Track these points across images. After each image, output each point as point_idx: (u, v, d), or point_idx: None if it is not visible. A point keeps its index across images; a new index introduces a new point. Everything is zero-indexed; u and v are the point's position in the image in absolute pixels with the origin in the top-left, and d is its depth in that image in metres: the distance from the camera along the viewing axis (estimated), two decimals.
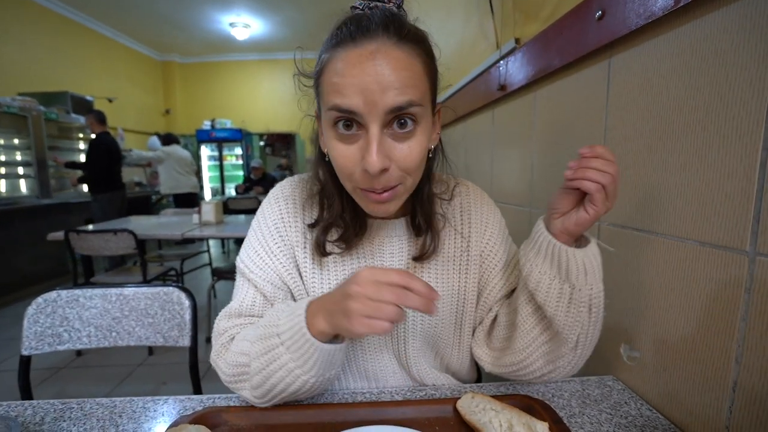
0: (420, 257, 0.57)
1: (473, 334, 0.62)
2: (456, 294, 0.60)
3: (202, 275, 3.68)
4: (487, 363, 0.59)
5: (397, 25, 0.43)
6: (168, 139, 4.72)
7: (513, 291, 0.59)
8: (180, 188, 4.62)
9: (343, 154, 0.45)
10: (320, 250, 0.55)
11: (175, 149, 4.65)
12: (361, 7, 0.47)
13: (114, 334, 0.93)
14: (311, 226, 0.56)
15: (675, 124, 0.54)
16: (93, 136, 3.42)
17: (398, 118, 0.44)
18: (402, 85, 0.42)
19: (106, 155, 3.34)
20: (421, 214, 0.56)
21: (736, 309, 0.46)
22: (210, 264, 3.41)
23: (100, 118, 3.38)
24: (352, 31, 0.43)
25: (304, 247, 0.57)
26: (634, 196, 0.62)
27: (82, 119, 4.03)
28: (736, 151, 0.45)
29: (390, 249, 0.58)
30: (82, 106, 4.20)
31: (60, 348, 0.90)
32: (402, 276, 0.41)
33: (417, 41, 0.45)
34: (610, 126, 0.68)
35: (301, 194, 0.59)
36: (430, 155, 0.52)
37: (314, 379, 0.47)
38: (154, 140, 5.00)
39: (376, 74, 0.41)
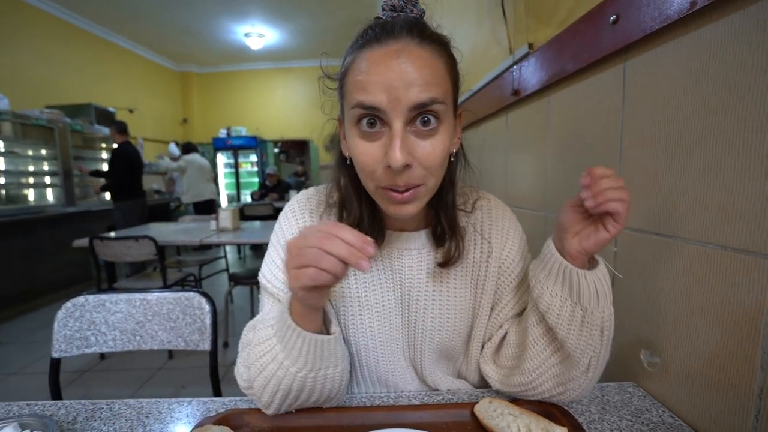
0: (445, 263, 0.57)
1: (482, 350, 0.61)
2: (471, 306, 0.60)
3: (220, 281, 3.75)
4: (494, 381, 0.58)
5: (420, 28, 0.46)
6: (187, 148, 4.85)
7: (524, 310, 0.59)
8: (202, 196, 4.75)
9: (365, 151, 0.46)
10: None
11: (195, 158, 4.78)
12: (384, 17, 0.49)
13: (138, 337, 0.96)
14: None
15: (693, 128, 0.54)
16: (115, 145, 3.54)
17: (421, 116, 0.45)
18: (425, 82, 0.43)
19: (128, 164, 3.45)
20: (445, 220, 0.56)
21: (760, 314, 0.45)
22: (227, 269, 3.47)
23: (121, 128, 3.50)
24: (377, 32, 0.45)
25: None
26: (653, 201, 0.61)
27: (105, 130, 4.18)
28: (756, 154, 0.45)
29: (409, 261, 0.58)
30: (105, 117, 4.36)
31: (87, 351, 0.94)
32: (331, 226, 0.40)
33: (439, 43, 0.47)
34: (626, 131, 0.68)
35: (317, 206, 0.60)
36: (452, 159, 0.53)
37: (303, 373, 0.46)
38: (173, 147, 5.14)
39: (401, 71, 0.43)
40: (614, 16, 0.66)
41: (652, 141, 0.62)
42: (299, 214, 0.60)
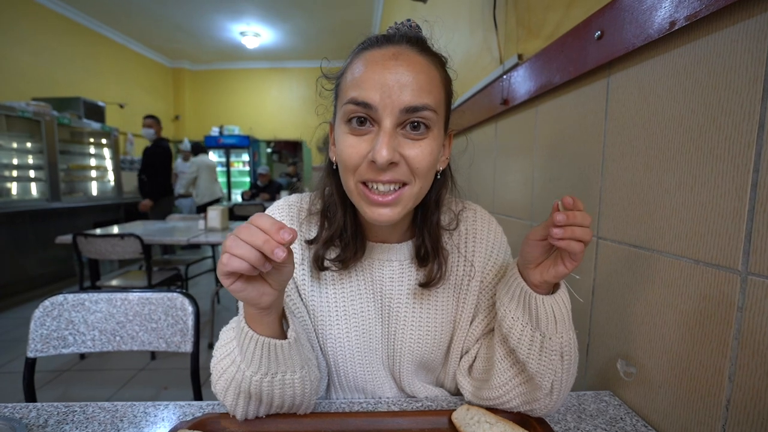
0: (427, 284, 0.57)
1: (460, 361, 0.61)
2: (452, 320, 0.60)
3: (207, 280, 3.71)
4: (467, 392, 0.58)
5: (420, 41, 0.49)
6: (198, 149, 4.82)
7: None
8: (214, 195, 4.74)
9: (351, 144, 0.46)
10: (318, 264, 0.55)
11: (205, 159, 4.77)
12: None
13: (118, 338, 0.95)
14: (309, 242, 0.57)
15: (671, 144, 0.55)
16: (143, 134, 3.59)
17: (411, 121, 0.45)
18: (419, 87, 0.45)
19: (169, 161, 3.56)
20: (429, 241, 0.56)
21: (729, 327, 0.46)
22: (214, 270, 3.43)
23: (160, 123, 3.58)
24: (378, 38, 0.48)
25: (302, 266, 0.58)
26: (632, 214, 0.63)
27: (94, 124, 4.12)
28: (728, 172, 0.46)
29: (390, 273, 0.58)
30: (94, 111, 4.29)
31: (65, 351, 0.92)
32: (254, 216, 0.40)
33: (437, 58, 0.49)
34: (608, 143, 0.69)
35: (298, 213, 0.59)
36: (438, 176, 0.53)
37: (258, 377, 0.46)
38: (186, 143, 5.10)
39: (396, 72, 0.44)
40: (599, 32, 0.68)
41: (632, 154, 0.63)
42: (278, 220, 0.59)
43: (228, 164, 6.64)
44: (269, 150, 7.16)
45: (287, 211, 0.60)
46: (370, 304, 0.58)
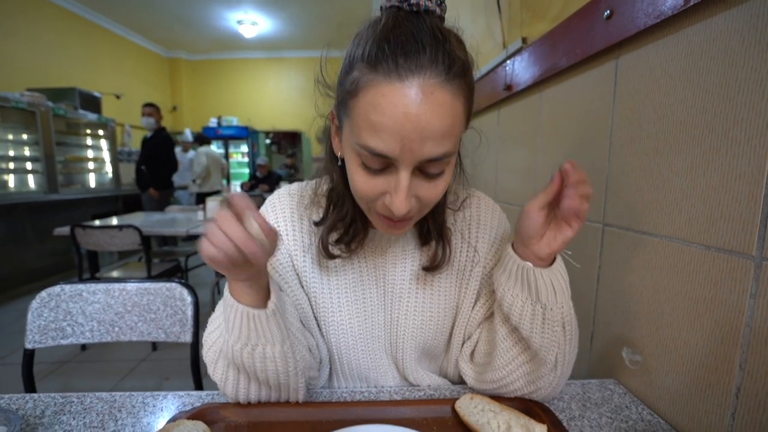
0: (431, 267, 0.56)
1: (462, 348, 0.61)
2: (455, 306, 0.59)
3: (207, 271, 3.70)
4: (470, 378, 0.57)
5: (446, 56, 0.39)
6: (202, 140, 4.78)
7: None
8: (214, 187, 4.72)
9: (366, 182, 0.44)
10: (325, 252, 0.54)
11: (211, 150, 4.74)
12: (399, 3, 0.41)
13: (116, 329, 0.94)
14: (317, 224, 0.56)
15: (683, 126, 0.53)
16: (142, 122, 3.57)
17: (429, 167, 0.43)
18: (442, 135, 0.40)
19: (172, 151, 3.54)
20: (433, 224, 0.55)
21: (741, 314, 0.45)
22: None
23: (160, 111, 3.55)
24: (397, 57, 0.38)
25: (304, 255, 0.57)
26: (640, 198, 0.61)
27: (90, 115, 4.07)
28: (744, 154, 0.44)
29: (393, 258, 0.57)
30: (90, 102, 4.24)
31: (63, 342, 0.91)
32: (245, 208, 0.40)
33: (464, 73, 0.41)
34: (616, 127, 0.68)
35: (299, 202, 0.58)
36: None
37: (239, 346, 0.46)
38: (188, 133, 5.06)
39: (419, 122, 0.38)
40: (608, 11, 0.65)
41: (641, 138, 0.61)
42: (279, 209, 0.58)
43: (227, 155, 6.59)
44: (268, 141, 7.10)
45: (288, 200, 0.59)
46: (373, 291, 0.57)
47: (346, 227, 0.54)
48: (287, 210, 0.57)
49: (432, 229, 0.55)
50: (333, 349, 0.58)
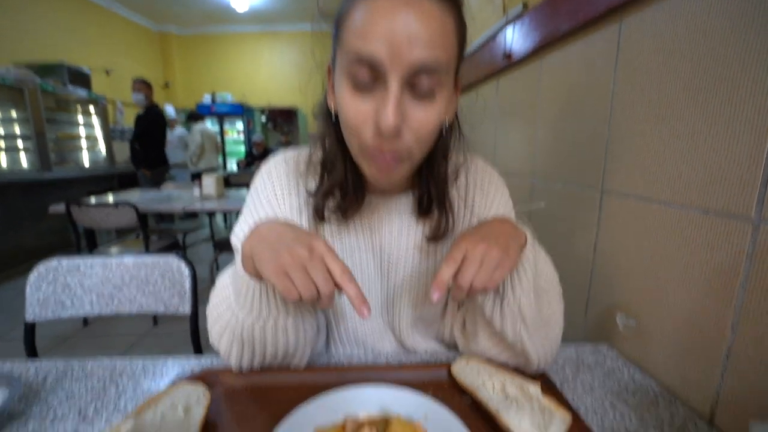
0: (434, 237, 0.55)
1: (457, 314, 0.61)
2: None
3: (205, 248, 3.72)
4: (462, 346, 0.58)
5: None
6: (196, 117, 4.69)
7: None
8: (210, 164, 4.65)
9: (355, 107, 0.42)
10: (319, 214, 0.54)
11: (206, 127, 4.65)
12: None
13: (116, 301, 0.94)
14: (310, 193, 0.55)
15: (686, 90, 0.52)
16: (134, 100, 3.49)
17: (420, 79, 0.41)
18: (431, 40, 0.39)
19: (164, 128, 3.48)
20: (435, 193, 0.54)
21: (735, 277, 0.45)
22: (212, 238, 3.43)
23: (151, 87, 3.44)
24: None
25: (301, 218, 0.56)
26: (640, 164, 0.61)
27: (79, 91, 3.97)
28: (748, 116, 0.44)
29: (390, 228, 0.56)
30: (79, 78, 4.12)
31: (63, 315, 0.92)
32: (345, 274, 0.39)
33: (453, 2, 0.42)
34: (617, 92, 0.66)
35: (296, 168, 0.57)
36: (444, 133, 0.50)
37: (250, 320, 0.46)
38: (170, 110, 4.96)
39: (406, 24, 0.38)
40: None
41: (642, 102, 0.60)
42: (275, 176, 0.57)
43: (222, 133, 6.49)
44: (264, 119, 6.98)
45: (284, 167, 0.58)
46: (370, 258, 0.57)
47: (341, 194, 0.53)
48: (283, 177, 0.57)
49: (433, 199, 0.54)
50: (331, 316, 0.59)
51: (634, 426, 0.46)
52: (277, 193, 0.56)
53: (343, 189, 0.52)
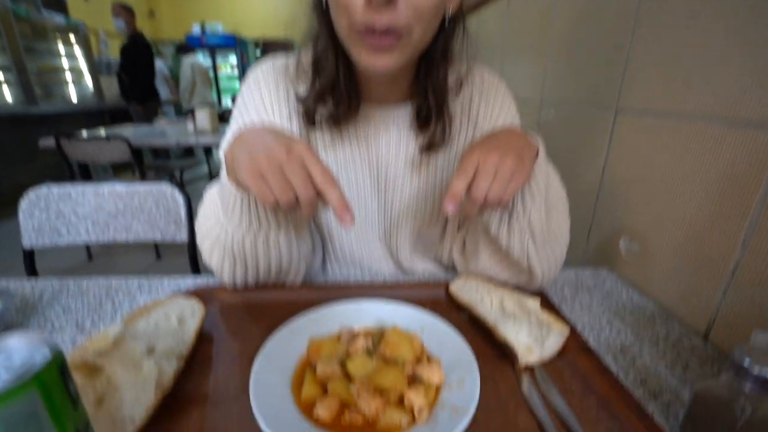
0: (429, 146, 0.52)
1: (457, 235, 0.59)
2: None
3: (203, 186, 3.69)
4: (461, 267, 0.57)
5: None
6: (186, 49, 4.39)
7: None
8: (208, 98, 4.45)
9: None
10: (309, 119, 0.50)
11: (198, 60, 4.37)
12: None
13: (112, 229, 0.94)
14: (303, 100, 0.51)
15: None
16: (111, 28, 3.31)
17: None
18: None
19: (151, 59, 3.29)
20: (433, 99, 0.49)
21: (754, 192, 0.42)
22: (209, 172, 3.39)
23: (133, 13, 3.19)
24: None
25: (290, 124, 0.53)
26: (663, 74, 0.55)
27: (57, 17, 3.69)
28: None
29: (387, 139, 0.53)
30: (53, 2, 3.80)
31: (60, 242, 0.92)
32: (326, 177, 0.35)
33: None
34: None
35: (284, 73, 0.53)
36: (446, 23, 0.44)
37: (240, 234, 0.43)
38: None
39: None
40: None
41: (672, 10, 0.53)
42: (263, 82, 0.52)
43: (215, 67, 6.15)
44: (258, 52, 6.58)
45: (272, 73, 0.53)
46: (365, 174, 0.54)
47: (334, 100, 0.48)
48: (271, 83, 0.52)
49: (432, 108, 0.50)
50: (325, 232, 0.57)
51: (629, 341, 0.46)
52: (264, 100, 0.51)
53: (335, 93, 0.48)
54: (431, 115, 0.51)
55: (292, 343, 0.39)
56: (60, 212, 0.91)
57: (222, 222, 0.44)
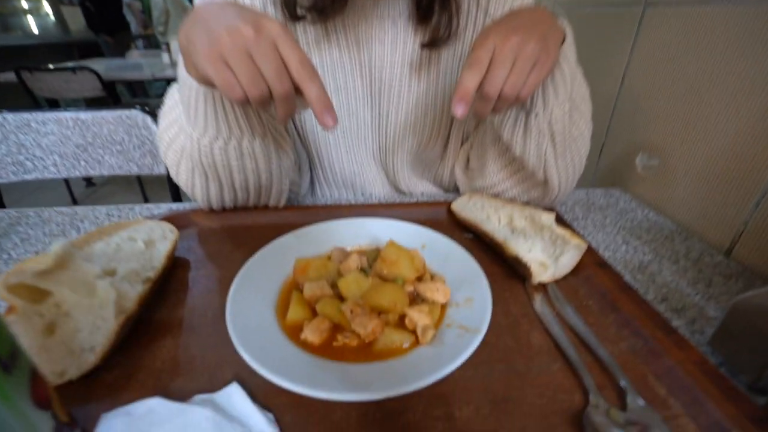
0: (432, 43, 0.43)
1: (460, 150, 0.53)
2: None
3: None
4: (464, 186, 0.52)
5: None
6: None
7: None
8: None
9: None
10: (289, 9, 0.41)
11: None
12: None
13: (83, 162, 0.86)
14: None
15: None
16: None
17: None
18: None
19: None
20: None
21: None
22: None
23: None
24: None
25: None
26: None
27: None
28: None
29: (381, 37, 0.44)
30: None
31: (28, 177, 0.85)
32: (304, 66, 0.28)
33: None
34: None
35: None
36: None
37: (207, 140, 0.37)
38: None
39: None
40: None
41: None
42: None
43: None
44: None
45: None
46: (356, 78, 0.47)
47: None
48: None
49: None
50: (312, 149, 0.51)
51: (648, 259, 0.42)
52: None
53: None
54: (434, 2, 0.42)
55: (277, 264, 0.35)
56: (21, 144, 0.82)
57: (185, 128, 0.37)
